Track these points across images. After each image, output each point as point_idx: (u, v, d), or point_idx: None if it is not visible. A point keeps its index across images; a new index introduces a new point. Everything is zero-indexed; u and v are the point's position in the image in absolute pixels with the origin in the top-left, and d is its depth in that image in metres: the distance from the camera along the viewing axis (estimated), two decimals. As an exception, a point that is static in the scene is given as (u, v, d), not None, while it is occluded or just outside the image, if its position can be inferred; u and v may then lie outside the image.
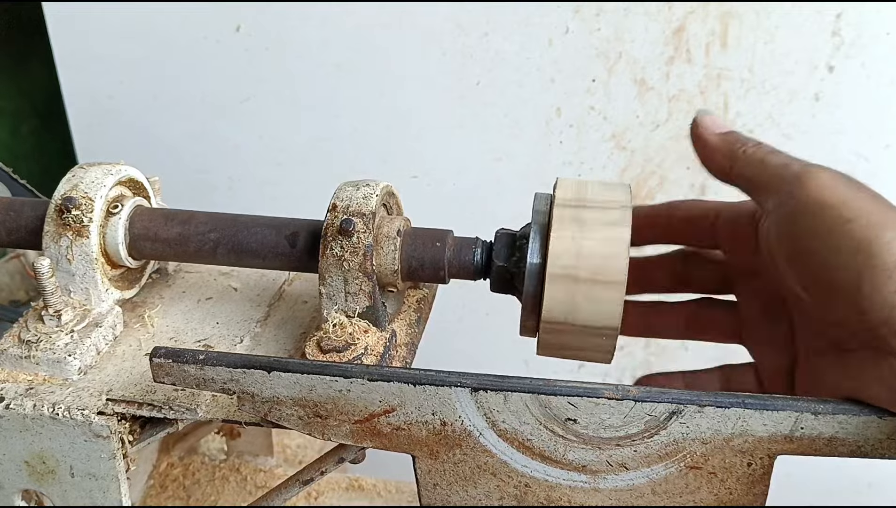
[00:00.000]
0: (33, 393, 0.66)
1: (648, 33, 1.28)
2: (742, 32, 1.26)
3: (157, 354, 0.61)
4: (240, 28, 1.37)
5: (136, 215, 0.74)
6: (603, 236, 0.62)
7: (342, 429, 0.61)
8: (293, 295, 0.82)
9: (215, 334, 0.76)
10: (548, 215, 0.65)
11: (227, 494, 1.12)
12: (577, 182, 0.67)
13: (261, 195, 1.51)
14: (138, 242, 0.74)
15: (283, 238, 0.73)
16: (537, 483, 0.60)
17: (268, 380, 0.60)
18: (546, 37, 1.30)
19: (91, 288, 0.72)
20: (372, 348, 0.68)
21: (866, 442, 0.55)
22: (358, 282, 0.68)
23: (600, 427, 0.57)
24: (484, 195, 1.43)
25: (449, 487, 0.62)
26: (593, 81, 1.33)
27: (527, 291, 0.65)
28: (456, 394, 0.58)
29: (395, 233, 0.70)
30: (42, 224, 0.72)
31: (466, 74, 1.35)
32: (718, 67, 1.29)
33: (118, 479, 0.66)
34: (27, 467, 0.67)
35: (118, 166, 0.75)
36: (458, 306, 1.53)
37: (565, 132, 1.38)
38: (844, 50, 1.25)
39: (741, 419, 0.55)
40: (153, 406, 0.65)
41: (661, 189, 1.39)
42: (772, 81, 1.28)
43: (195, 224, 0.74)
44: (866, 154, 1.30)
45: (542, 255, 0.64)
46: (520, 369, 1.57)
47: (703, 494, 0.59)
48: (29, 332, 0.70)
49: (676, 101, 1.32)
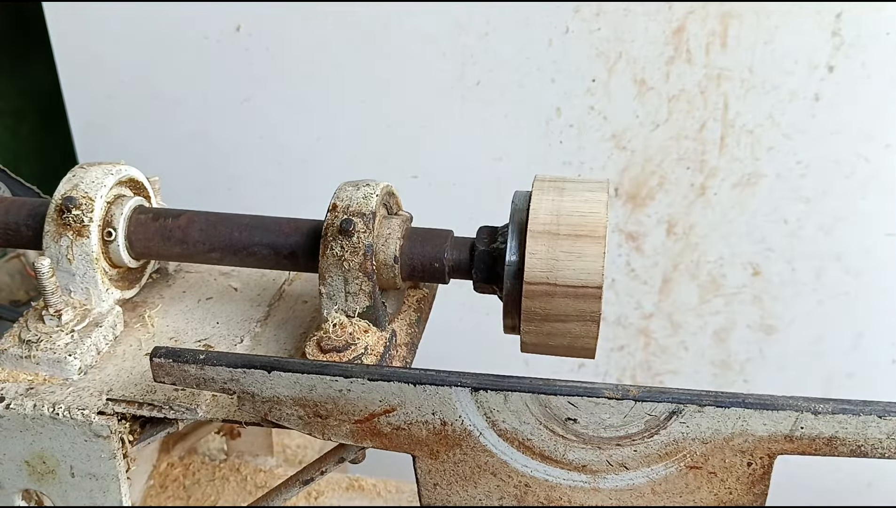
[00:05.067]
0: (33, 393, 0.66)
1: (648, 33, 1.28)
2: (742, 32, 1.26)
3: (158, 354, 0.61)
4: (240, 28, 1.37)
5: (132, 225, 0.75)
6: (583, 198, 0.63)
7: (342, 429, 0.61)
8: (293, 295, 0.82)
9: (215, 333, 0.76)
10: (525, 213, 0.65)
11: (227, 494, 1.12)
12: (557, 176, 0.68)
13: (261, 195, 1.51)
14: (136, 248, 0.74)
15: (283, 238, 0.73)
16: (537, 482, 0.61)
17: (268, 380, 0.60)
18: (546, 37, 1.30)
19: (91, 288, 0.72)
20: (372, 347, 0.68)
21: (866, 442, 0.55)
22: (358, 282, 0.68)
23: (600, 427, 0.58)
24: (484, 195, 1.44)
25: (449, 487, 0.62)
26: (593, 81, 1.33)
27: (506, 287, 0.65)
28: (456, 394, 0.58)
29: (395, 233, 0.70)
30: (42, 224, 0.72)
31: (466, 74, 1.35)
32: (718, 67, 1.29)
33: (118, 479, 0.66)
34: (27, 467, 0.67)
35: (118, 166, 0.75)
36: (458, 306, 1.53)
37: (565, 132, 1.38)
38: (844, 50, 1.25)
39: (741, 418, 0.55)
40: (153, 406, 0.65)
41: (661, 189, 1.39)
42: (772, 81, 1.28)
43: (195, 231, 0.75)
44: (866, 154, 1.30)
45: (520, 254, 0.64)
46: (520, 369, 1.57)
47: (703, 494, 0.59)
48: (29, 332, 0.70)
49: (676, 101, 1.32)
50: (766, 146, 1.32)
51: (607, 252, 0.62)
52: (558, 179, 0.67)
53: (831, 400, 0.55)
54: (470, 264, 0.70)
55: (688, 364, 1.53)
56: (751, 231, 1.39)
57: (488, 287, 0.71)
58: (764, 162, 1.33)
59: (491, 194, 1.43)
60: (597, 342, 0.64)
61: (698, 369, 1.53)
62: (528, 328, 0.65)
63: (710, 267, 1.43)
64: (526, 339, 0.67)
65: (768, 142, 1.32)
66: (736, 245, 1.41)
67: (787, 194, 1.35)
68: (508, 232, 0.66)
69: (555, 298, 0.62)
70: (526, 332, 0.66)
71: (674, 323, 1.49)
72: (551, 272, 0.62)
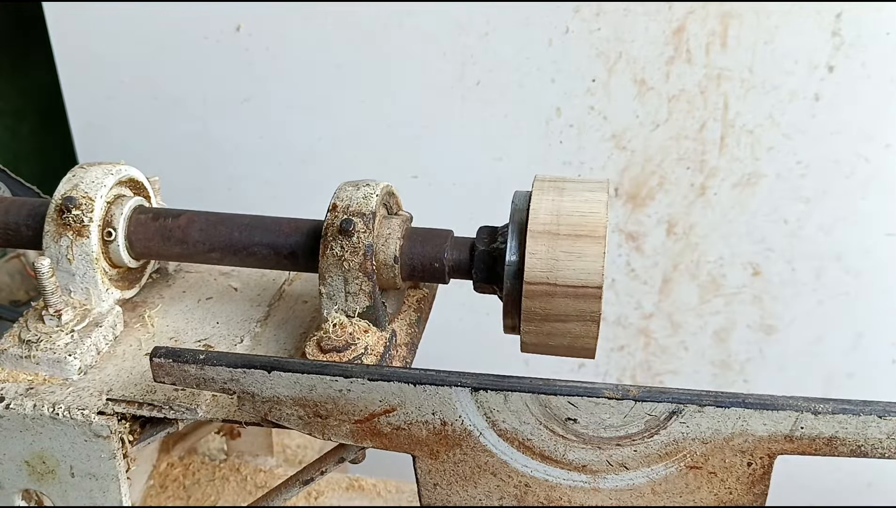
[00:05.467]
0: (33, 393, 0.66)
1: (648, 33, 1.28)
2: (742, 32, 1.26)
3: (158, 354, 0.61)
4: (240, 28, 1.37)
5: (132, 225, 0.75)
6: (583, 198, 0.63)
7: (342, 429, 0.61)
8: (293, 295, 0.82)
9: (215, 333, 0.76)
10: (525, 213, 0.65)
11: (227, 494, 1.12)
12: (557, 176, 0.68)
13: (261, 195, 1.51)
14: (136, 248, 0.74)
15: (283, 238, 0.73)
16: (537, 482, 0.60)
17: (268, 380, 0.60)
18: (546, 37, 1.30)
19: (91, 288, 0.72)
20: (372, 347, 0.68)
21: (866, 442, 0.55)
22: (358, 282, 0.68)
23: (600, 427, 0.58)
24: (484, 195, 1.44)
25: (449, 487, 0.62)
26: (593, 80, 1.33)
27: (506, 287, 0.65)
28: (456, 394, 0.58)
29: (395, 233, 0.70)
30: (42, 224, 0.72)
31: (467, 74, 1.35)
32: (718, 67, 1.29)
33: (118, 479, 0.66)
34: (27, 467, 0.67)
35: (118, 166, 0.75)
36: (458, 306, 1.53)
37: (565, 132, 1.38)
38: (844, 50, 1.25)
39: (741, 418, 0.55)
40: (153, 406, 0.65)
41: (661, 189, 1.39)
42: (772, 80, 1.28)
43: (195, 231, 0.74)
44: (866, 154, 1.30)
45: (520, 254, 0.64)
46: (520, 369, 1.57)
47: (703, 494, 0.59)
48: (29, 332, 0.70)
49: (676, 101, 1.32)
50: (766, 146, 1.32)
51: (607, 252, 0.62)
52: (558, 179, 0.67)
53: (831, 400, 0.55)
54: (470, 264, 0.70)
55: (688, 364, 1.53)
56: (751, 231, 1.39)
57: (488, 287, 0.71)
58: (764, 162, 1.33)
59: (491, 194, 1.43)
60: (597, 342, 0.64)
61: (698, 369, 1.53)
62: (528, 328, 0.65)
63: (710, 267, 1.43)
64: (526, 339, 0.67)
65: (768, 142, 1.32)
66: (736, 245, 1.41)
67: (787, 193, 1.35)
68: (508, 232, 0.66)
69: (555, 298, 0.62)
70: (526, 332, 0.66)
71: (674, 323, 1.49)
72: (551, 272, 0.62)
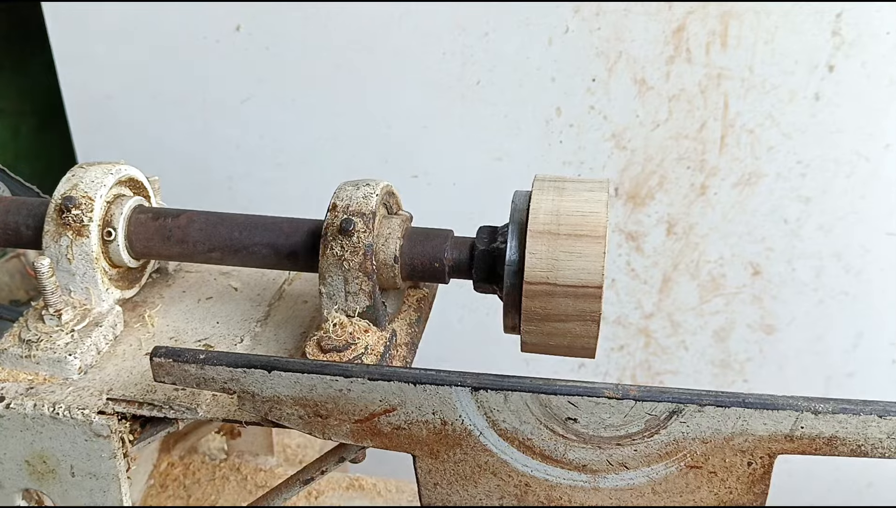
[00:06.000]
0: (34, 393, 0.66)
1: (648, 33, 1.28)
2: (742, 32, 1.26)
3: (158, 353, 0.61)
4: (240, 28, 1.37)
5: (132, 225, 0.74)
6: (583, 198, 0.63)
7: (343, 429, 0.61)
8: (293, 295, 0.82)
9: (215, 333, 0.76)
10: (525, 212, 0.65)
11: (227, 494, 1.12)
12: (557, 175, 0.68)
13: (261, 195, 1.51)
14: (136, 248, 0.74)
15: (283, 238, 0.73)
16: (537, 482, 0.60)
17: (268, 380, 0.60)
18: (546, 37, 1.30)
19: (91, 287, 0.72)
20: (372, 347, 0.68)
21: (866, 442, 0.55)
22: (358, 282, 0.68)
23: (600, 427, 0.57)
24: (484, 195, 1.44)
25: (449, 486, 0.62)
26: (593, 80, 1.33)
27: (506, 287, 0.65)
28: (456, 394, 0.58)
29: (395, 233, 0.70)
30: (42, 224, 0.72)
31: (467, 73, 1.35)
32: (718, 67, 1.29)
33: (118, 478, 0.66)
34: (28, 466, 0.67)
35: (118, 166, 0.75)
36: (458, 306, 1.53)
37: (565, 132, 1.38)
38: (844, 50, 1.25)
39: (741, 418, 0.55)
40: (153, 406, 0.65)
41: (661, 189, 1.39)
42: (772, 80, 1.28)
43: (195, 230, 0.74)
44: (866, 154, 1.30)
45: (520, 254, 0.64)
46: (520, 369, 1.57)
47: (703, 493, 0.59)
48: (29, 331, 0.70)
49: (676, 100, 1.32)
50: (766, 146, 1.32)
51: (607, 252, 0.62)
52: (558, 178, 0.67)
53: (831, 400, 0.55)
54: (470, 263, 0.70)
55: (688, 364, 1.53)
56: (751, 231, 1.39)
57: (488, 287, 0.71)
58: (764, 162, 1.33)
59: (491, 194, 1.43)
60: (597, 341, 0.64)
61: (698, 369, 1.53)
62: (529, 328, 0.65)
63: (710, 267, 1.43)
64: (526, 339, 0.67)
65: (768, 141, 1.32)
66: (736, 245, 1.41)
67: (787, 193, 1.35)
68: (508, 232, 0.66)
69: (555, 298, 0.62)
70: (526, 332, 0.66)
71: (674, 323, 1.49)
72: (551, 272, 0.62)
